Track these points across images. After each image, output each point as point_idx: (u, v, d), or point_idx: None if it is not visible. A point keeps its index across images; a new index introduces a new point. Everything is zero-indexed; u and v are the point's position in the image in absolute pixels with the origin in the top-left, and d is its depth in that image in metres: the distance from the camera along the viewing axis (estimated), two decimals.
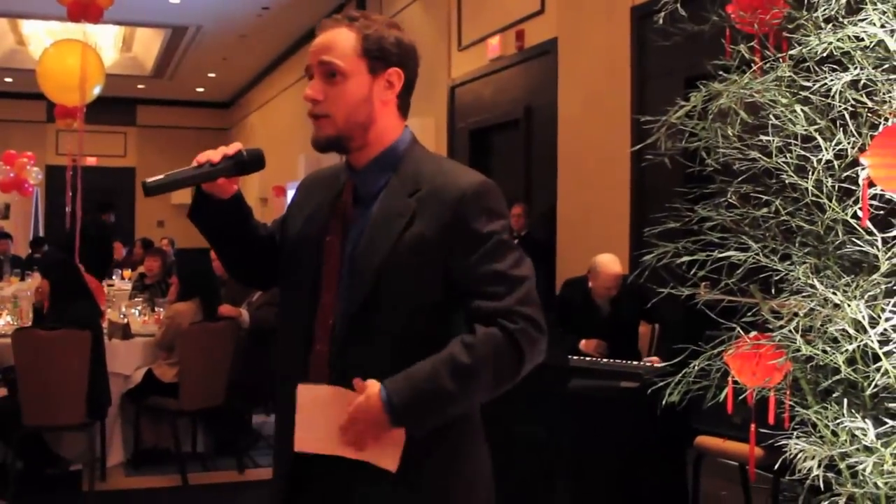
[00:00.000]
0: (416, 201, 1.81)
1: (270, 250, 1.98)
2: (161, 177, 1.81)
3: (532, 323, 1.75)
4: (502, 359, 1.73)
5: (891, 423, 1.88)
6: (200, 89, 19.77)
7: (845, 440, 1.90)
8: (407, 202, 1.81)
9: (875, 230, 1.93)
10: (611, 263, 5.33)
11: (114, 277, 10.52)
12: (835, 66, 2.01)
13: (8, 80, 17.44)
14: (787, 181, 2.12)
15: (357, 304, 1.79)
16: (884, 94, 1.97)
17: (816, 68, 2.05)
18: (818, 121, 2.06)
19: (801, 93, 2.09)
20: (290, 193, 14.93)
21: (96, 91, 7.64)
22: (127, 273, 11.34)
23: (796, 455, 1.93)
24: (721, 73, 2.27)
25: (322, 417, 1.78)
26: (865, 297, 1.89)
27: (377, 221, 1.82)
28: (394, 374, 1.73)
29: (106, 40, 15.01)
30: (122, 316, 6.45)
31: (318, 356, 1.83)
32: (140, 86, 18.79)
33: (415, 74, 1.90)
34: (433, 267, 1.78)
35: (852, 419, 1.89)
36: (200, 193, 1.87)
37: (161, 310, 6.70)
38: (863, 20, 1.94)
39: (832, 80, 1.97)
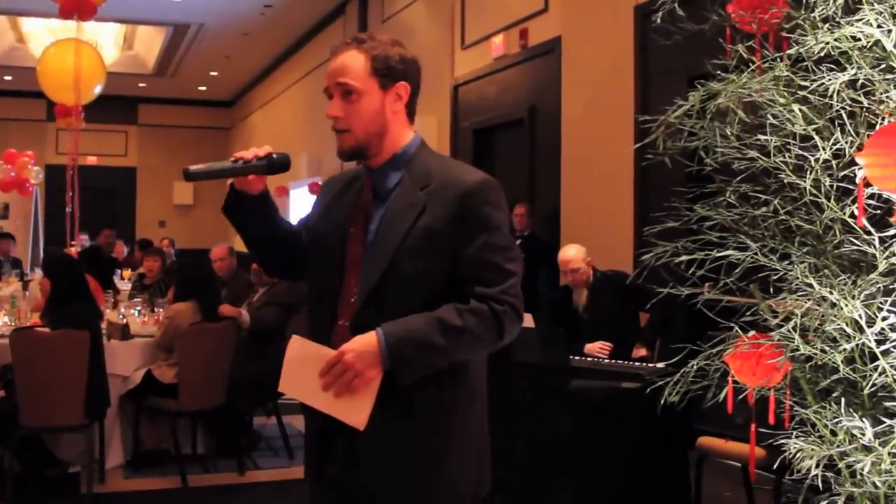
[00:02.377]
0: (427, 195, 2.10)
1: (297, 244, 2.28)
2: (202, 166, 2.11)
3: (514, 308, 2.07)
4: (485, 329, 2.04)
5: (889, 422, 1.87)
6: (202, 88, 19.77)
7: (843, 439, 1.90)
8: (418, 195, 2.10)
9: (873, 229, 1.92)
10: (563, 251, 5.56)
11: (115, 280, 10.48)
12: (832, 66, 2.01)
13: (7, 78, 17.46)
14: (785, 180, 2.12)
15: (374, 282, 2.07)
16: (881, 93, 1.96)
17: (814, 68, 2.05)
18: (816, 120, 2.06)
19: (799, 92, 2.08)
20: (293, 193, 15.00)
21: (97, 90, 7.62)
22: (127, 273, 11.32)
23: (794, 455, 1.93)
24: (720, 72, 2.27)
25: (306, 368, 2.05)
26: (863, 296, 1.89)
27: (393, 212, 2.11)
28: None
29: (107, 38, 15.02)
30: (121, 316, 6.43)
31: (341, 329, 2.11)
32: (141, 84, 18.78)
33: (418, 84, 2.19)
34: (439, 253, 2.06)
35: (850, 418, 1.88)
36: (234, 191, 2.18)
37: (160, 310, 6.68)
38: (860, 20, 1.93)
39: (830, 79, 1.97)
